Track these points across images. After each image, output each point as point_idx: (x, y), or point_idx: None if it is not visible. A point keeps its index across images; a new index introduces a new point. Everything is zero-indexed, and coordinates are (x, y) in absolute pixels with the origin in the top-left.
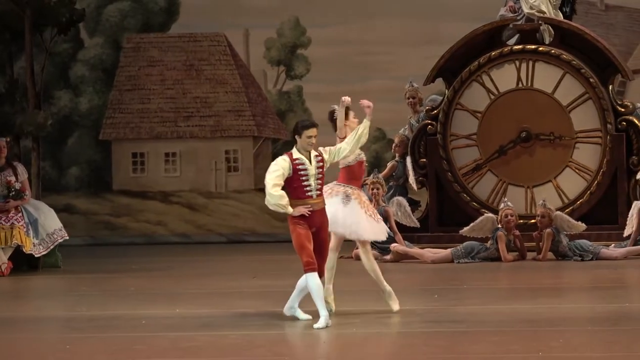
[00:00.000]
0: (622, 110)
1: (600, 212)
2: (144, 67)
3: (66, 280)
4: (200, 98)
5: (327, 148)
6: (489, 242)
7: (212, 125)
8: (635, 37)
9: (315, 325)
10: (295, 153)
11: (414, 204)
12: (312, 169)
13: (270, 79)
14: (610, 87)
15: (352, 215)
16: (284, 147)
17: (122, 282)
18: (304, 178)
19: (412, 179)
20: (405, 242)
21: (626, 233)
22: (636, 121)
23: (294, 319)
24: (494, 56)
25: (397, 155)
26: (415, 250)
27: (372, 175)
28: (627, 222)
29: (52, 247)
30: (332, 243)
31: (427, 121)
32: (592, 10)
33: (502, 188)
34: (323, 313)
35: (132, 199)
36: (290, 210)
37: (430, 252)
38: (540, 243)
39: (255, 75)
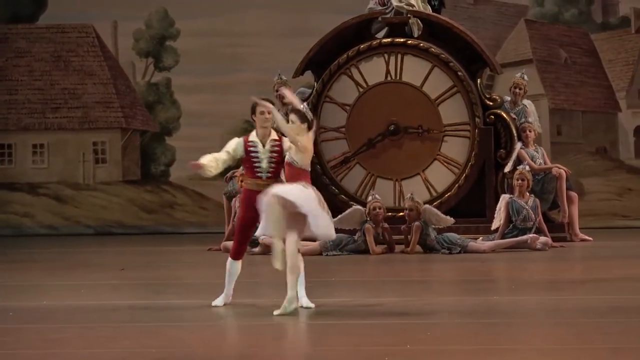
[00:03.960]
0: (491, 103)
1: (468, 206)
2: (12, 58)
3: None
4: (69, 89)
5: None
6: (357, 234)
7: (80, 116)
8: (504, 31)
9: (213, 302)
10: (252, 136)
11: None
12: (264, 152)
13: (139, 70)
14: (479, 81)
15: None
16: (152, 139)
17: None
18: (254, 160)
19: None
20: None
21: (494, 226)
22: (504, 115)
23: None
24: (363, 49)
25: None
26: None
27: (240, 167)
28: (495, 216)
29: None
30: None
31: None
32: (460, 4)
33: (371, 181)
34: (226, 292)
35: None
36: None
37: (299, 244)
38: (409, 236)
39: (124, 67)
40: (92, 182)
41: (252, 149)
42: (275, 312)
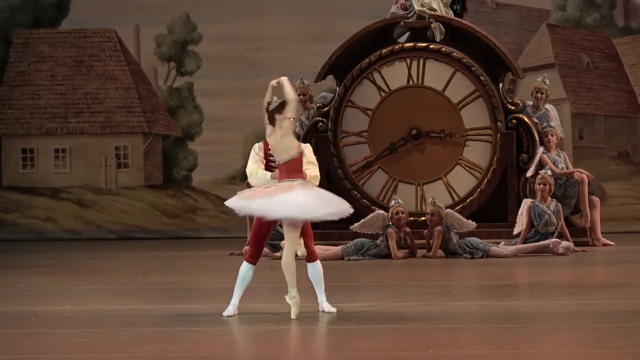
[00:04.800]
0: (513, 108)
1: (490, 210)
2: (34, 63)
3: None
4: (91, 94)
5: (308, 151)
6: (380, 239)
7: (102, 121)
8: (526, 35)
9: (224, 313)
10: None
11: None
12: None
13: (161, 75)
14: (501, 85)
15: None
16: (174, 144)
17: (10, 279)
18: (272, 165)
19: None
20: None
21: (516, 231)
22: (526, 119)
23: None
24: (385, 53)
25: None
26: None
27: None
28: (517, 220)
29: None
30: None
31: (317, 118)
32: (482, 9)
33: (393, 185)
34: (233, 302)
35: (22, 195)
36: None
37: (321, 249)
38: (431, 241)
39: (146, 72)
40: (114, 186)
41: (272, 157)
42: (293, 316)
